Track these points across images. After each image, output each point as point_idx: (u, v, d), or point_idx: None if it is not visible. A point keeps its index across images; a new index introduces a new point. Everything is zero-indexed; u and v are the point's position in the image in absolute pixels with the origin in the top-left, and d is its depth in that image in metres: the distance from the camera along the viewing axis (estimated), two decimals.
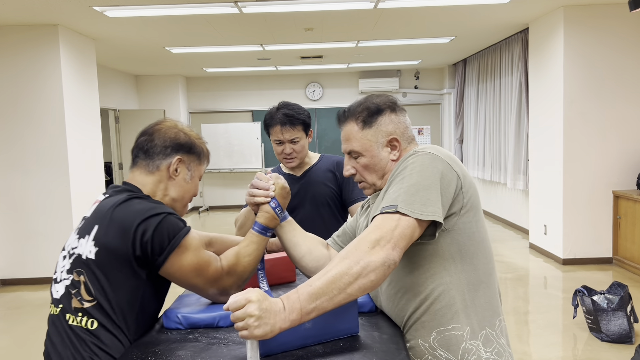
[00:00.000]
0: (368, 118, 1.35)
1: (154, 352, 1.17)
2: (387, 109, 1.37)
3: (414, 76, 9.79)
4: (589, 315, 3.49)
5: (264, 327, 1.01)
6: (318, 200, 2.28)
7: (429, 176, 1.20)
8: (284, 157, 2.25)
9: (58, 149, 5.30)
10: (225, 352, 1.15)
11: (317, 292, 1.05)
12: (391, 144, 1.36)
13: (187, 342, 1.22)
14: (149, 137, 1.43)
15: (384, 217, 1.16)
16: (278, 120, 2.18)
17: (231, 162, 9.54)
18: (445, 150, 1.29)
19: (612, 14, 5.11)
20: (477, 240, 1.27)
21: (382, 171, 1.37)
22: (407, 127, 1.39)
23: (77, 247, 1.29)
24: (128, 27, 5.44)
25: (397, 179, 1.24)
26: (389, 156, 1.36)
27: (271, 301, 1.04)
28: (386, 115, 1.36)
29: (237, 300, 1.03)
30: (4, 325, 4.20)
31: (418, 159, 1.24)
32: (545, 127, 5.58)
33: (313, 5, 4.72)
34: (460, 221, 1.24)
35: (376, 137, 1.35)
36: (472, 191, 1.26)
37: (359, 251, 1.10)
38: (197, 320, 1.29)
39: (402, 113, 1.39)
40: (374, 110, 1.36)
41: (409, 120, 1.41)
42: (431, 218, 1.15)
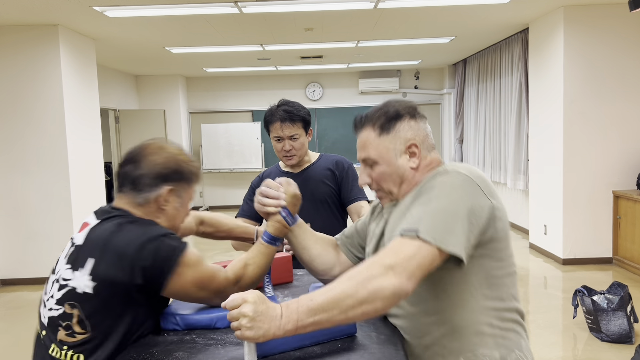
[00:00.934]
0: (386, 124, 1.27)
1: (150, 354, 1.16)
2: (406, 115, 1.28)
3: (414, 76, 9.79)
4: (589, 315, 3.48)
5: (256, 330, 1.00)
6: (316, 198, 2.28)
7: (458, 201, 1.12)
8: (283, 155, 2.24)
9: (58, 149, 5.30)
10: (222, 353, 1.15)
11: (317, 308, 1.02)
12: (410, 151, 1.27)
13: (184, 343, 1.22)
14: (135, 166, 1.32)
15: (403, 241, 1.08)
16: (278, 117, 2.18)
17: (231, 162, 9.54)
18: (477, 171, 1.21)
19: (612, 14, 5.10)
20: (505, 266, 1.22)
21: (399, 179, 1.28)
22: (428, 135, 1.30)
23: (70, 279, 1.23)
24: (128, 27, 5.44)
25: (423, 199, 1.16)
26: (407, 164, 1.27)
27: (269, 306, 1.02)
28: (405, 121, 1.28)
29: (234, 299, 1.02)
30: (4, 325, 4.20)
31: (448, 179, 1.16)
32: (545, 127, 5.57)
33: (313, 5, 4.72)
34: (490, 248, 1.18)
35: (394, 143, 1.27)
36: (504, 218, 1.19)
37: (370, 275, 1.03)
38: (195, 322, 1.29)
39: (423, 120, 1.31)
40: (392, 115, 1.28)
41: (429, 128, 1.33)
42: (453, 251, 1.07)
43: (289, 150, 2.22)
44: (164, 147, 1.36)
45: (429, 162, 1.29)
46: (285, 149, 2.21)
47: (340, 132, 9.80)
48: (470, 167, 1.21)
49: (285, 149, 2.21)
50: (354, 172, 2.35)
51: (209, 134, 9.50)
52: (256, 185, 2.39)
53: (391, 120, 1.28)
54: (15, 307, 4.67)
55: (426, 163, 1.29)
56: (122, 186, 1.34)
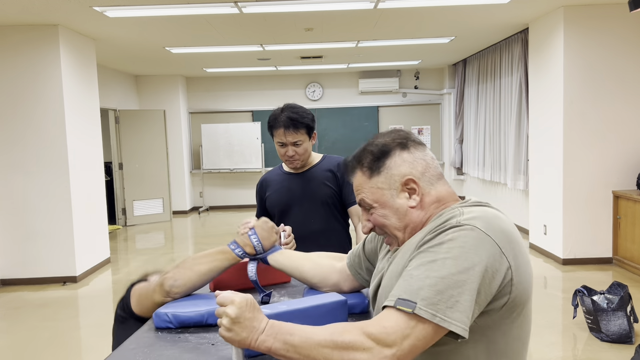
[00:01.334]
0: (374, 163, 1.13)
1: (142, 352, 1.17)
2: (395, 148, 1.13)
3: (414, 76, 9.79)
4: (589, 315, 3.48)
5: (234, 333, 1.00)
6: (316, 199, 2.28)
7: (467, 267, 0.94)
8: (286, 160, 2.26)
9: (58, 149, 5.30)
10: (213, 351, 1.16)
11: (292, 345, 0.97)
12: (408, 188, 1.11)
13: (176, 342, 1.23)
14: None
15: (397, 316, 0.94)
16: (282, 123, 2.18)
17: (231, 162, 9.54)
18: (497, 222, 1.01)
19: (612, 14, 5.11)
20: (514, 336, 1.04)
21: (400, 222, 1.12)
22: (428, 164, 1.13)
23: None
24: (128, 27, 5.44)
25: (427, 257, 0.98)
26: (407, 202, 1.11)
27: (256, 316, 1.01)
28: (396, 155, 1.12)
29: (223, 296, 1.03)
30: (4, 325, 4.20)
31: (460, 236, 0.98)
32: (545, 128, 5.57)
33: (313, 5, 4.72)
34: (498, 317, 1.01)
35: (388, 183, 1.12)
36: (524, 284, 1.01)
37: (351, 343, 0.93)
38: (186, 318, 1.31)
39: (419, 148, 1.14)
40: (378, 152, 1.13)
41: (430, 155, 1.15)
42: (453, 329, 0.92)
43: (292, 155, 2.23)
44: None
45: (436, 198, 1.13)
46: (288, 154, 2.22)
47: (340, 132, 9.81)
48: (489, 217, 1.02)
49: (288, 154, 2.22)
50: None
51: (209, 134, 9.50)
52: (259, 190, 2.44)
53: (380, 157, 1.13)
54: (15, 307, 4.67)
55: (431, 199, 1.12)
56: None
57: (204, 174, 9.98)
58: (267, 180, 2.43)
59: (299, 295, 1.54)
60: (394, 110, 9.87)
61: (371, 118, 9.81)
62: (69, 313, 4.45)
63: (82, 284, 5.37)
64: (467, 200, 1.12)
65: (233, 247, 1.47)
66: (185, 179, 9.61)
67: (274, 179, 2.40)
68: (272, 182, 2.40)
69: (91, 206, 5.85)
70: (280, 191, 2.34)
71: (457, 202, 1.12)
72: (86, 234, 5.69)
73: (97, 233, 5.95)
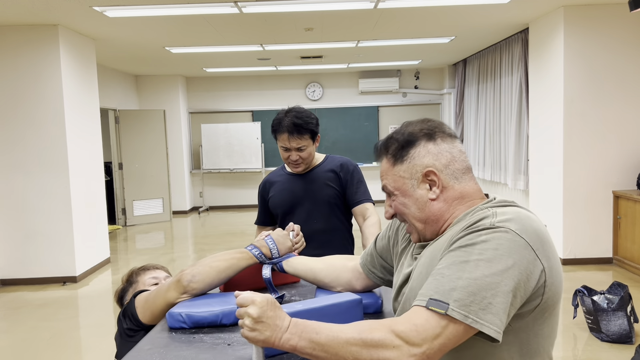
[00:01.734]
0: (399, 151, 1.13)
1: (158, 353, 1.17)
2: (421, 138, 1.12)
3: (414, 76, 9.79)
4: (589, 316, 3.49)
5: (258, 333, 1.00)
6: (319, 200, 2.28)
7: (501, 270, 0.93)
8: (289, 163, 2.26)
9: (58, 149, 5.29)
10: (229, 352, 1.15)
11: (318, 344, 0.97)
12: (429, 179, 1.10)
13: (191, 342, 1.22)
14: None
15: (428, 315, 0.93)
16: (285, 128, 2.16)
17: (231, 162, 9.54)
18: (531, 223, 0.99)
19: (612, 14, 5.11)
20: (545, 335, 1.04)
21: (420, 213, 1.12)
22: (454, 157, 1.11)
23: None
24: (128, 27, 5.44)
25: (459, 258, 0.97)
26: (426, 195, 1.10)
27: (278, 315, 1.01)
28: (421, 145, 1.11)
29: (244, 297, 1.03)
30: (4, 325, 4.20)
31: (494, 238, 0.96)
32: (545, 127, 5.58)
33: (313, 5, 4.72)
34: (531, 319, 1.01)
35: (410, 172, 1.11)
36: (556, 285, 1.00)
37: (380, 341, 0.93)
38: (200, 318, 1.30)
39: (447, 140, 1.12)
40: (403, 141, 1.13)
41: (458, 148, 1.13)
42: (486, 331, 0.91)
43: (295, 160, 2.22)
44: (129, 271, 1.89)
45: (460, 194, 1.11)
46: (292, 159, 2.22)
47: (340, 132, 9.81)
48: (523, 218, 0.99)
49: (292, 159, 2.22)
50: (359, 174, 2.35)
51: (209, 134, 9.49)
52: (262, 191, 2.44)
53: (404, 146, 1.13)
54: (15, 307, 4.67)
55: (454, 194, 1.10)
56: None
57: (204, 174, 9.98)
58: (270, 182, 2.42)
59: (309, 295, 1.54)
60: (394, 110, 9.87)
61: (371, 118, 9.81)
62: (69, 313, 4.44)
63: (82, 284, 5.37)
64: (493, 199, 1.10)
65: (250, 248, 1.50)
66: (185, 179, 9.61)
67: (277, 180, 2.39)
68: (275, 183, 2.39)
69: (91, 206, 5.84)
70: (283, 192, 2.33)
71: (484, 201, 1.10)
72: (86, 234, 5.68)
73: (97, 233, 5.95)
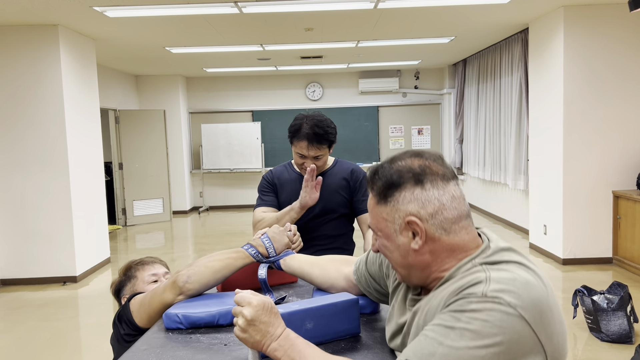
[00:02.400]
0: (383, 191, 1.00)
1: (155, 353, 1.17)
2: (408, 181, 0.97)
3: (414, 76, 9.79)
4: (589, 315, 3.49)
5: (247, 335, 1.00)
6: (327, 207, 2.24)
7: (486, 345, 0.83)
8: (302, 169, 2.21)
9: (58, 149, 5.30)
10: (226, 352, 1.15)
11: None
12: (411, 227, 0.97)
13: (188, 342, 1.22)
14: None
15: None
16: (305, 136, 2.11)
17: (231, 162, 9.54)
18: (533, 292, 0.87)
19: (612, 14, 5.11)
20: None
21: (404, 260, 1.00)
22: (443, 206, 0.96)
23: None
24: (128, 27, 5.44)
25: (445, 320, 0.88)
26: (409, 244, 0.98)
27: (272, 322, 1.01)
28: (406, 189, 0.97)
29: (242, 296, 1.03)
30: (4, 325, 4.20)
31: (485, 308, 0.85)
32: (545, 127, 5.58)
33: (313, 5, 4.72)
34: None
35: (392, 216, 0.99)
36: (559, 349, 0.89)
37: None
38: (197, 319, 1.30)
39: (437, 185, 0.97)
40: (388, 182, 0.99)
41: (451, 193, 0.97)
42: None
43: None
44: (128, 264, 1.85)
45: (449, 246, 0.97)
46: (306, 166, 2.17)
47: (340, 132, 9.80)
48: (519, 287, 0.87)
49: (306, 166, 2.17)
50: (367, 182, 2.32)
51: (209, 134, 9.50)
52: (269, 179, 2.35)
53: (389, 187, 0.99)
54: (15, 307, 4.67)
55: (442, 247, 0.97)
56: None
57: (204, 174, 9.98)
58: (279, 177, 2.34)
59: (307, 294, 1.54)
60: (394, 110, 9.87)
61: (371, 118, 9.81)
62: (69, 313, 4.45)
63: (82, 284, 5.37)
64: (487, 246, 0.97)
65: (247, 248, 1.49)
66: (185, 179, 9.61)
67: (286, 178, 2.33)
68: (284, 181, 2.32)
69: (91, 206, 5.84)
70: (292, 193, 2.27)
71: (478, 250, 0.97)
72: (86, 233, 5.69)
73: (97, 233, 5.95)
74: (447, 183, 0.98)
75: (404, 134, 9.90)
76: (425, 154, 1.01)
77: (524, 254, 1.01)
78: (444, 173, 0.99)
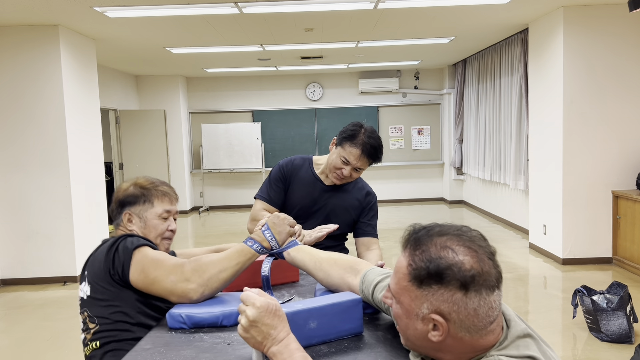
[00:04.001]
0: (421, 275, 0.91)
1: (159, 352, 1.17)
2: (453, 283, 0.88)
3: (414, 76, 9.80)
4: (589, 315, 3.50)
5: (249, 336, 1.01)
6: (336, 221, 2.20)
7: None
8: (336, 175, 2.15)
9: (58, 149, 5.30)
10: (230, 351, 1.16)
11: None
12: (433, 322, 0.91)
13: (191, 342, 1.23)
14: (111, 204, 1.71)
15: None
16: (362, 145, 2.07)
17: (231, 162, 9.54)
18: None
19: (612, 14, 5.12)
20: None
21: (415, 340, 0.96)
22: (477, 315, 0.88)
23: (81, 291, 1.55)
24: (128, 28, 5.44)
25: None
26: (426, 333, 0.92)
27: (276, 325, 1.01)
28: (448, 289, 0.89)
29: (248, 295, 1.03)
30: (4, 325, 4.20)
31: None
32: (545, 127, 5.59)
33: (313, 5, 4.73)
34: None
35: (420, 302, 0.92)
36: None
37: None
38: (201, 319, 1.30)
39: (481, 295, 0.88)
40: (431, 272, 0.90)
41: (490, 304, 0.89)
42: None
43: (346, 176, 2.14)
44: (135, 181, 1.69)
45: (471, 347, 0.91)
46: (344, 173, 2.12)
47: None
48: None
49: (344, 173, 2.12)
50: (376, 207, 2.30)
51: (209, 134, 9.50)
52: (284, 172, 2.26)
53: (430, 276, 0.90)
54: (15, 307, 4.67)
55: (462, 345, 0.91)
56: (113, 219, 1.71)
57: (204, 174, 9.98)
58: (296, 172, 2.26)
59: (309, 294, 1.55)
60: (394, 110, 9.88)
61: (371, 118, 9.81)
62: (69, 313, 4.45)
63: None
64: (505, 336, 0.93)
65: (251, 244, 1.45)
66: (185, 178, 9.61)
67: (303, 177, 2.25)
68: (300, 179, 2.25)
69: (92, 206, 5.85)
70: (305, 195, 2.22)
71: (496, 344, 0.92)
72: (87, 233, 5.69)
73: (97, 233, 5.95)
74: (491, 293, 0.89)
75: (404, 134, 9.91)
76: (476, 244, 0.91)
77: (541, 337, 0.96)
78: (492, 282, 0.89)
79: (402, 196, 10.07)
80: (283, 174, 2.25)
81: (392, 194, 10.04)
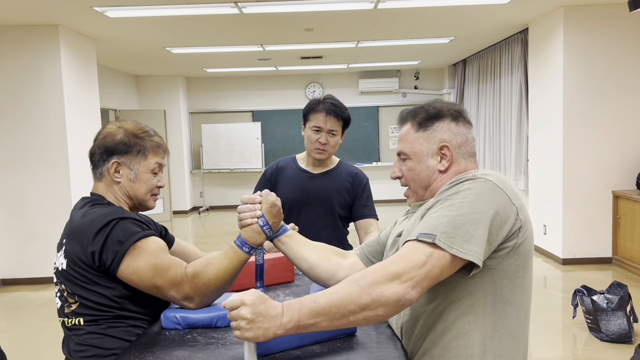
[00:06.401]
0: (425, 121, 1.27)
1: (151, 352, 1.17)
2: (447, 116, 1.27)
3: (414, 76, 9.79)
4: (589, 315, 3.49)
5: (256, 330, 1.00)
6: (329, 206, 2.23)
7: (481, 209, 1.08)
8: (316, 147, 2.19)
9: (58, 149, 5.30)
10: (222, 352, 1.16)
11: (319, 311, 1.00)
12: (441, 152, 1.25)
13: (185, 342, 1.22)
14: (92, 147, 1.47)
15: (416, 246, 1.05)
16: (324, 108, 2.17)
17: (231, 162, 9.55)
18: (507, 180, 1.17)
19: (612, 14, 5.11)
20: (518, 286, 1.17)
21: (426, 180, 1.27)
22: (467, 141, 1.27)
23: (57, 260, 1.40)
24: (128, 27, 5.45)
25: (445, 203, 1.12)
26: (436, 166, 1.25)
27: (269, 305, 1.02)
28: (445, 122, 1.26)
29: (233, 300, 1.02)
30: (4, 325, 4.21)
31: (475, 185, 1.12)
32: (545, 128, 5.58)
33: (313, 5, 4.73)
34: (506, 262, 1.14)
35: (428, 142, 1.26)
36: (528, 233, 1.17)
37: (374, 281, 1.01)
38: (195, 321, 1.30)
39: (466, 125, 1.28)
40: (432, 114, 1.27)
41: (472, 135, 1.29)
42: (469, 258, 1.04)
43: (324, 143, 2.17)
44: (122, 124, 1.48)
45: (462, 170, 1.26)
46: (321, 141, 2.17)
47: None
48: (501, 176, 1.17)
49: (321, 141, 2.17)
50: (369, 188, 2.32)
51: (209, 134, 9.50)
52: (267, 176, 2.33)
53: (431, 118, 1.27)
54: (15, 307, 4.68)
55: (458, 169, 1.25)
56: (91, 167, 1.48)
57: (204, 174, 9.99)
58: (281, 172, 2.31)
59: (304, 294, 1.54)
60: (394, 110, 9.87)
61: (371, 118, 9.81)
62: None
63: None
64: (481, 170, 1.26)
65: (246, 250, 1.35)
66: (185, 178, 9.62)
67: (289, 174, 2.30)
68: (286, 176, 2.30)
69: None
70: (294, 188, 2.25)
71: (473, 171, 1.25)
72: None
73: None
74: (470, 127, 1.29)
75: None
76: (455, 103, 1.31)
77: None
78: (469, 120, 1.29)
79: (402, 196, 10.06)
80: (268, 179, 2.33)
81: (392, 194, 10.03)
